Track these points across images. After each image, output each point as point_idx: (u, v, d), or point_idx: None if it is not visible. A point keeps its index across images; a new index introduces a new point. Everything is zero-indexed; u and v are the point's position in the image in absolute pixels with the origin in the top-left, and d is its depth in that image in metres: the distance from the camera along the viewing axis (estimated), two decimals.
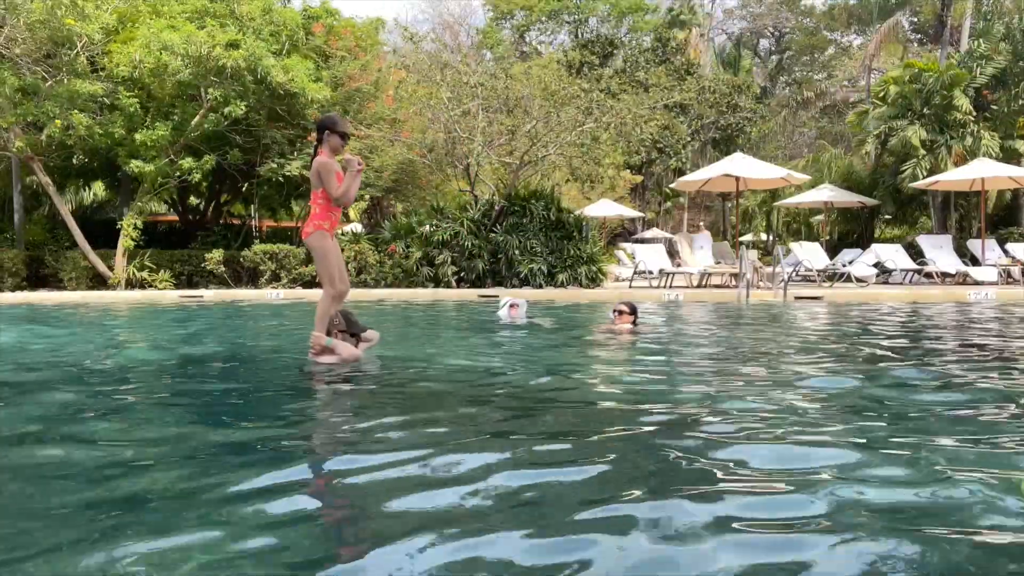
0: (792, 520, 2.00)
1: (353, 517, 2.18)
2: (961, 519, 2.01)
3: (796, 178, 19.82)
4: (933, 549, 1.81)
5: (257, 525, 2.00)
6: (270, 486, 2.32)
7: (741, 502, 2.12)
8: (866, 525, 1.94)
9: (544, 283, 15.64)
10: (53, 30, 14.78)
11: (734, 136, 32.17)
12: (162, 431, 3.25)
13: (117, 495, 2.28)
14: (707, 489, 2.26)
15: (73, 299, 14.29)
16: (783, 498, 2.19)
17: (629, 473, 2.48)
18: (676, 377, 4.65)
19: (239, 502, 2.17)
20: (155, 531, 1.96)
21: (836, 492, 2.18)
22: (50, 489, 2.38)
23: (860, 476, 2.34)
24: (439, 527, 1.94)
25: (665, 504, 2.12)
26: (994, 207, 23.76)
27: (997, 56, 20.90)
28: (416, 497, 2.22)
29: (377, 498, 2.26)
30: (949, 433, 3.04)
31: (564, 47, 34.16)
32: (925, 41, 37.50)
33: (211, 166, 16.27)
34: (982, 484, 2.26)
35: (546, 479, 2.38)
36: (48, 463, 2.72)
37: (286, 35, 16.77)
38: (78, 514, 2.12)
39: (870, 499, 2.12)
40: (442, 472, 2.44)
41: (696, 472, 2.45)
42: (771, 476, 2.41)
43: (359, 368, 4.89)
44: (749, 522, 1.97)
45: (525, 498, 2.20)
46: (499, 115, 16.63)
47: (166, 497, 2.27)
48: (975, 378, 4.45)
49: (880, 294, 13.37)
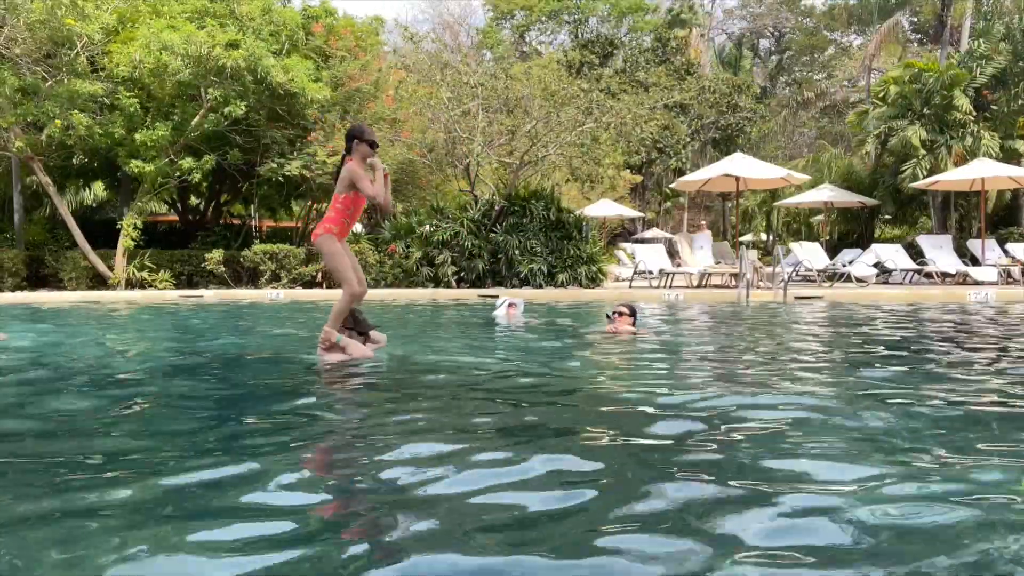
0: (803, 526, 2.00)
1: (364, 520, 2.18)
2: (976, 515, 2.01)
3: (796, 178, 19.83)
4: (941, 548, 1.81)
5: (267, 525, 2.00)
6: (267, 485, 2.33)
7: (753, 511, 2.12)
8: (894, 540, 1.93)
9: (544, 283, 15.64)
10: (53, 30, 14.78)
11: (734, 136, 32.18)
12: (166, 429, 3.25)
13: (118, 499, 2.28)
14: (716, 496, 2.26)
15: (72, 299, 14.29)
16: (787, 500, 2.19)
17: (634, 484, 2.48)
18: (676, 378, 4.65)
19: (250, 498, 2.18)
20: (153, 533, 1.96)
21: (856, 507, 2.16)
22: (78, 486, 2.38)
23: (886, 494, 2.27)
24: (445, 533, 1.94)
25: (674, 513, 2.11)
26: (994, 207, 23.77)
27: (997, 56, 20.91)
28: (417, 498, 2.22)
29: (380, 499, 2.26)
30: (963, 435, 3.04)
31: (564, 47, 34.16)
32: (925, 41, 37.51)
33: (211, 166, 16.27)
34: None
35: (551, 489, 2.37)
36: (75, 461, 2.72)
37: (286, 35, 16.77)
38: (85, 516, 2.12)
39: (901, 522, 2.06)
40: (440, 474, 2.44)
41: (703, 480, 2.45)
42: (775, 479, 2.41)
43: (359, 366, 4.89)
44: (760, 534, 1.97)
45: (534, 511, 2.18)
46: (499, 115, 16.64)
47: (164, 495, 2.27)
48: (978, 377, 4.45)
49: (880, 294, 13.38)
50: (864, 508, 2.06)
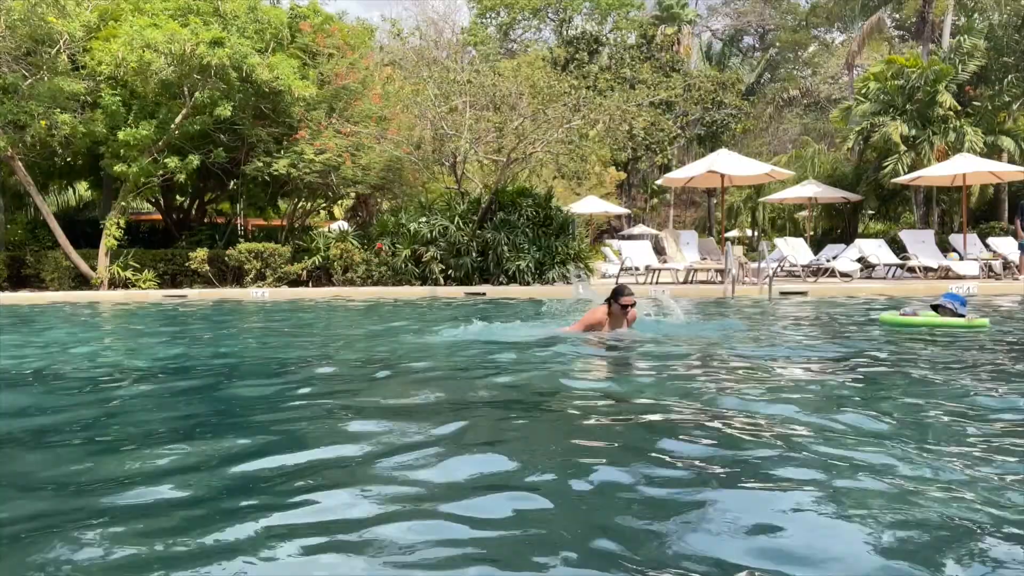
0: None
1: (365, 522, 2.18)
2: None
3: (780, 174, 19.94)
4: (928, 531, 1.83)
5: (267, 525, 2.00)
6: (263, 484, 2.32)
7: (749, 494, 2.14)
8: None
9: (532, 280, 15.65)
10: (34, 28, 14.61)
11: (719, 133, 32.31)
12: (152, 428, 3.24)
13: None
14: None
15: (53, 299, 14.14)
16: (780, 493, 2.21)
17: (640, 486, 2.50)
18: (668, 375, 4.67)
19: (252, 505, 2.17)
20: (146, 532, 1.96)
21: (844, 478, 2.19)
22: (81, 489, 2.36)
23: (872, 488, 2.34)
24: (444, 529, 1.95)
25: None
26: (977, 202, 24.02)
27: (979, 52, 21.10)
28: (418, 499, 2.22)
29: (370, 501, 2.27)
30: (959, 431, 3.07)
31: (549, 44, 34.17)
32: (907, 38, 37.79)
33: (196, 165, 16.15)
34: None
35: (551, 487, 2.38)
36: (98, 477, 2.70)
37: (271, 33, 16.66)
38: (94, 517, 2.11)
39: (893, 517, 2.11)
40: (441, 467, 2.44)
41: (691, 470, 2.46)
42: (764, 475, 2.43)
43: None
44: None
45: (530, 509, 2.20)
46: (486, 112, 16.61)
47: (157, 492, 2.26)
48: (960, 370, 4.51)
49: (863, 289, 13.49)
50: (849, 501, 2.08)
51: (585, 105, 16.64)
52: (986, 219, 23.21)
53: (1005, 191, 23.59)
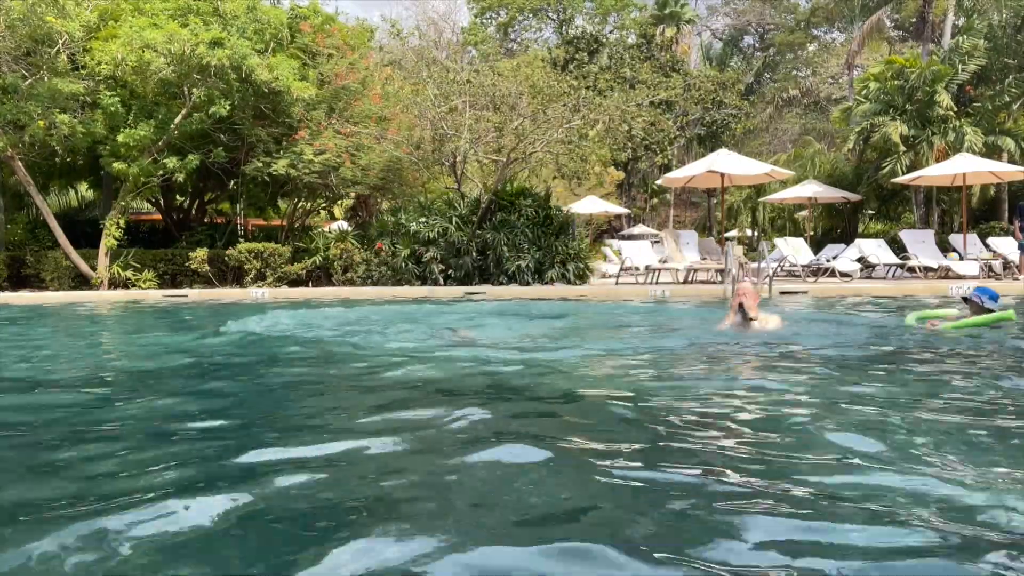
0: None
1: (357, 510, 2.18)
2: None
3: (780, 173, 19.95)
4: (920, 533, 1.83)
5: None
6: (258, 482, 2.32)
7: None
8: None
9: (532, 280, 15.65)
10: (33, 27, 14.60)
11: (719, 132, 32.32)
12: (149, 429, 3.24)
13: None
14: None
15: (52, 299, 14.14)
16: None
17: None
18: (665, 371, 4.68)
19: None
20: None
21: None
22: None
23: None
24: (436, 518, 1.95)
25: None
26: (977, 202, 24.01)
27: (978, 53, 21.10)
28: (419, 499, 2.22)
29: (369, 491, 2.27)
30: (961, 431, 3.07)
31: (549, 44, 34.18)
32: (907, 38, 37.81)
33: (195, 165, 16.14)
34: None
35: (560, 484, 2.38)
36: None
37: (270, 34, 16.65)
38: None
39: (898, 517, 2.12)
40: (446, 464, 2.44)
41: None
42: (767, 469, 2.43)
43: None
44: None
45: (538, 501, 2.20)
46: (486, 112, 16.61)
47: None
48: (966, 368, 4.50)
49: (864, 289, 13.49)
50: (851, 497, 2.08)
51: (585, 105, 16.64)
52: (986, 219, 23.21)
53: (1005, 191, 23.59)
